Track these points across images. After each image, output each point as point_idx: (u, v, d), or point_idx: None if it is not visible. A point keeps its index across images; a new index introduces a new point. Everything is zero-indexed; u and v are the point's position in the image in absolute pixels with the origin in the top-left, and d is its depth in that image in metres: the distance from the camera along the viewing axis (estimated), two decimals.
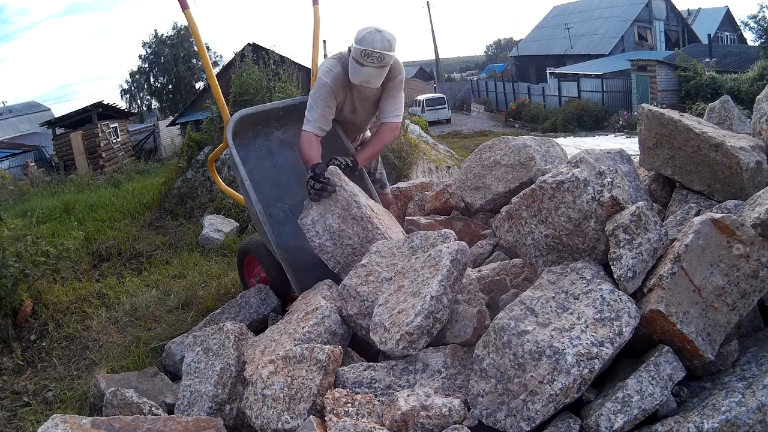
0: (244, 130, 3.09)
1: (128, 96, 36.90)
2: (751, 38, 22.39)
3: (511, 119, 26.18)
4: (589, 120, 21.26)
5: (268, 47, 7.41)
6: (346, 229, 2.53)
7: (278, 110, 3.16)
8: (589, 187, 1.89)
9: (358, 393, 1.83)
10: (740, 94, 15.38)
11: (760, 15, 18.69)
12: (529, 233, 2.05)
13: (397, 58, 2.87)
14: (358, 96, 2.92)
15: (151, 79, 36.48)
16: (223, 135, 3.02)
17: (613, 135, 18.13)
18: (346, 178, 2.66)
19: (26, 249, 3.95)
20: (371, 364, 1.99)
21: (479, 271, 2.61)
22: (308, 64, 3.45)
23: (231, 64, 12.74)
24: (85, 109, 19.18)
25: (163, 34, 35.50)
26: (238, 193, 3.73)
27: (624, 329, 1.63)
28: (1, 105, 32.22)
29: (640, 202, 1.86)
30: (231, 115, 2.99)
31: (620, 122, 19.27)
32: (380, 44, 2.61)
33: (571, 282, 1.84)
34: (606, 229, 1.86)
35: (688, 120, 2.44)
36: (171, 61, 34.84)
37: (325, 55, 3.00)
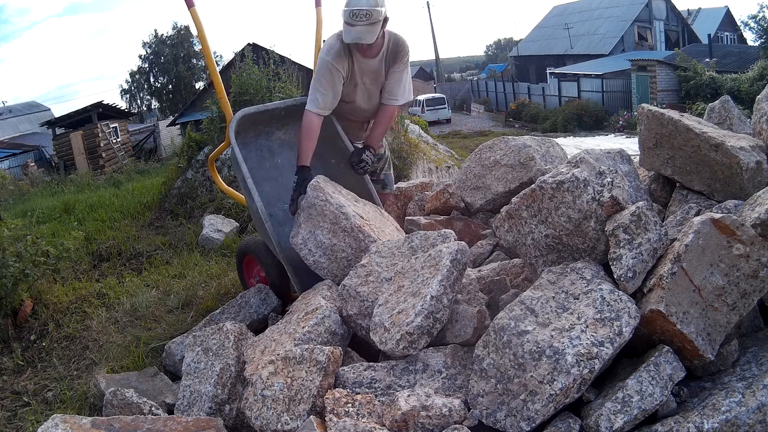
0: (245, 130, 3.09)
1: (128, 96, 36.94)
2: (751, 38, 22.41)
3: (511, 119, 26.19)
4: (589, 120, 21.26)
5: (268, 47, 7.41)
6: (338, 242, 2.53)
7: (280, 110, 3.16)
8: (589, 187, 1.89)
9: (359, 393, 1.83)
10: (740, 94, 15.38)
11: (760, 15, 18.69)
12: (529, 233, 2.05)
13: (403, 38, 2.88)
14: (359, 69, 2.87)
15: (151, 79, 36.49)
16: (224, 134, 3.02)
17: (613, 135, 18.13)
18: (331, 190, 2.64)
19: (26, 249, 3.95)
20: (371, 364, 1.99)
21: (479, 271, 2.60)
22: (308, 64, 3.46)
23: (231, 64, 12.73)
24: (85, 109, 19.18)
25: (163, 34, 35.55)
26: (238, 193, 3.73)
27: (624, 329, 1.63)
28: (1, 105, 32.25)
29: (640, 202, 1.86)
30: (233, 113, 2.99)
31: (620, 122, 19.28)
32: (366, 2, 2.61)
33: (571, 282, 1.83)
34: (606, 229, 1.86)
35: (688, 120, 2.44)
36: (171, 61, 34.85)
37: None
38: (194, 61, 34.83)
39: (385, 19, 2.72)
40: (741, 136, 2.46)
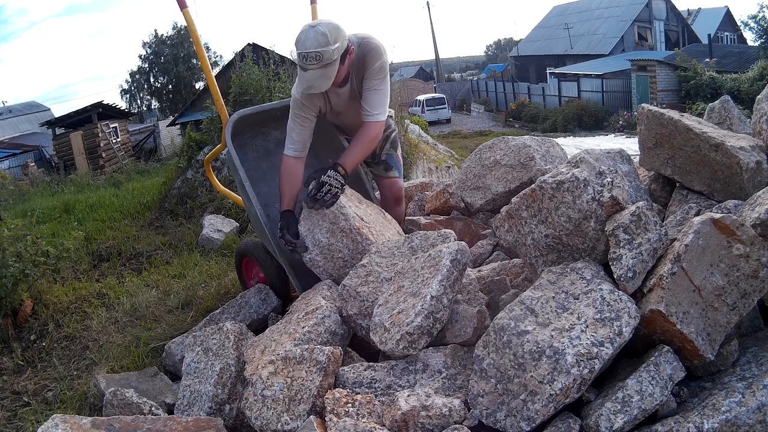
0: (242, 131, 3.09)
1: (128, 96, 36.92)
2: (751, 38, 22.41)
3: (511, 119, 26.20)
4: (589, 120, 21.27)
5: (268, 47, 7.44)
6: (335, 242, 2.53)
7: (276, 110, 3.15)
8: (589, 187, 1.89)
9: (359, 393, 1.83)
10: (740, 94, 15.39)
11: (760, 15, 18.71)
12: (529, 233, 2.05)
13: (373, 41, 2.56)
14: (335, 98, 2.71)
15: (151, 79, 36.47)
16: (222, 135, 3.02)
17: (613, 135, 18.14)
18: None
19: (26, 249, 3.95)
20: (371, 364, 1.99)
21: (479, 271, 2.60)
22: None
23: (231, 64, 12.74)
24: (85, 109, 19.20)
25: (163, 34, 35.55)
26: (235, 194, 3.73)
27: (624, 329, 1.63)
28: (1, 105, 32.27)
29: (640, 202, 1.86)
30: (230, 115, 2.99)
31: (620, 122, 19.29)
32: (313, 42, 2.32)
33: (571, 282, 1.83)
34: (606, 229, 1.86)
35: (688, 120, 2.44)
36: (171, 61, 34.85)
37: None
38: (194, 61, 34.80)
39: (348, 52, 2.47)
40: (741, 136, 2.46)
